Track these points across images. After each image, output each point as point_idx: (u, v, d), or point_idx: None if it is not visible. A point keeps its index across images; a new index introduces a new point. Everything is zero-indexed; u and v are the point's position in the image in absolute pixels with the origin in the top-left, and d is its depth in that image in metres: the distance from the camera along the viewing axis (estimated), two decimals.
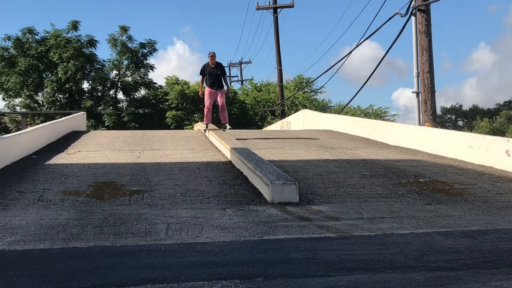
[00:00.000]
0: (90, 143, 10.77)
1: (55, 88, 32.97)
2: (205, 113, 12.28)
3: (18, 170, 7.36)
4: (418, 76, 13.03)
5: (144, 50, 35.70)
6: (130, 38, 35.09)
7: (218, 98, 12.07)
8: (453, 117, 55.95)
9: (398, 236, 3.95)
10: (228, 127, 12.15)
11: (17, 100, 34.41)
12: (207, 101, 12.08)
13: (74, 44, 32.93)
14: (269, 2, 25.85)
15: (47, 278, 2.84)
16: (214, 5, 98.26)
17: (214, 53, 11.83)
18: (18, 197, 5.70)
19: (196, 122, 22.72)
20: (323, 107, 38.43)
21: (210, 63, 11.85)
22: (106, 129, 29.57)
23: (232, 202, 5.57)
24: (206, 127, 12.18)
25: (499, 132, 41.14)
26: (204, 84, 12.19)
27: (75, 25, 34.00)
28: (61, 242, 3.72)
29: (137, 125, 31.84)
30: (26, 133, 9.73)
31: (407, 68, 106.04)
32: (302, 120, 17.24)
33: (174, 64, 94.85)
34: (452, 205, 5.50)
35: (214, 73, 11.87)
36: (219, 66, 12.08)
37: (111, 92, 36.18)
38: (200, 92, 12.47)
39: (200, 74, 12.15)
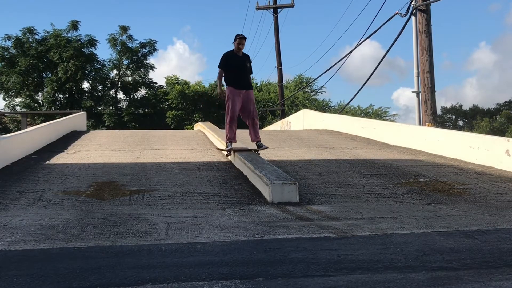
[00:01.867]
0: (90, 143, 10.78)
1: (55, 88, 33.01)
2: (227, 125, 7.92)
3: (18, 170, 7.36)
4: (418, 76, 13.05)
5: (144, 50, 35.78)
6: (130, 38, 35.19)
7: (248, 104, 7.90)
8: (453, 117, 55.97)
9: (398, 236, 3.95)
10: (264, 146, 8.06)
11: (17, 100, 34.49)
12: (232, 107, 7.77)
13: (74, 44, 32.97)
14: (269, 2, 25.87)
15: (47, 278, 2.84)
16: (214, 5, 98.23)
17: (245, 37, 7.91)
18: (18, 197, 5.70)
19: (196, 122, 22.71)
20: (323, 107, 38.46)
21: (235, 50, 7.86)
22: (106, 129, 29.57)
23: (232, 202, 5.57)
24: (230, 146, 8.02)
25: (499, 132, 41.17)
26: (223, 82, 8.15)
27: (75, 25, 34.06)
28: (61, 242, 3.72)
29: (137, 125, 31.86)
30: (26, 133, 9.73)
31: (407, 67, 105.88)
32: (302, 120, 17.25)
33: (174, 64, 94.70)
34: (452, 205, 5.50)
35: (242, 66, 7.87)
36: (247, 57, 8.09)
37: (111, 92, 36.22)
38: (218, 91, 8.23)
39: (220, 66, 7.93)
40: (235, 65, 7.84)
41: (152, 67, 36.47)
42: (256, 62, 79.13)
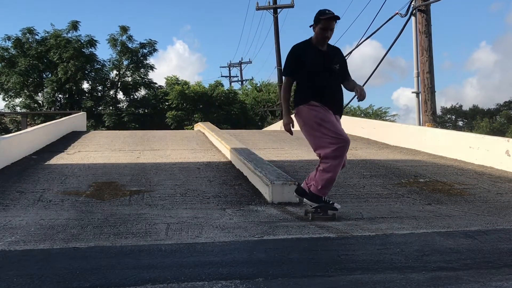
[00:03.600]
0: (90, 143, 10.78)
1: (55, 88, 32.99)
2: (330, 165, 4.42)
3: (18, 170, 7.36)
4: (418, 76, 13.04)
5: (144, 50, 35.74)
6: (130, 38, 35.15)
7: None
8: (453, 117, 55.95)
9: (398, 236, 3.95)
10: (338, 207, 4.65)
11: (17, 100, 34.46)
12: (334, 127, 4.47)
13: (74, 44, 32.95)
14: (269, 2, 25.87)
15: (47, 278, 2.84)
16: (214, 5, 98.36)
17: (337, 17, 4.44)
18: (18, 197, 5.70)
19: (196, 122, 22.69)
20: None
21: (316, 41, 4.55)
22: (106, 129, 29.56)
23: (232, 202, 5.57)
24: (336, 209, 4.61)
25: (499, 132, 41.16)
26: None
27: (75, 25, 34.03)
28: (61, 242, 3.72)
29: (137, 125, 31.83)
30: (26, 133, 9.73)
31: (408, 67, 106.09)
32: None
33: (174, 64, 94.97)
34: (452, 205, 5.50)
35: (328, 68, 4.56)
36: (338, 53, 4.74)
37: (111, 92, 36.20)
38: (285, 120, 4.94)
39: (286, 72, 4.68)
40: (318, 66, 4.54)
41: (152, 68, 36.45)
42: (256, 63, 79.15)
